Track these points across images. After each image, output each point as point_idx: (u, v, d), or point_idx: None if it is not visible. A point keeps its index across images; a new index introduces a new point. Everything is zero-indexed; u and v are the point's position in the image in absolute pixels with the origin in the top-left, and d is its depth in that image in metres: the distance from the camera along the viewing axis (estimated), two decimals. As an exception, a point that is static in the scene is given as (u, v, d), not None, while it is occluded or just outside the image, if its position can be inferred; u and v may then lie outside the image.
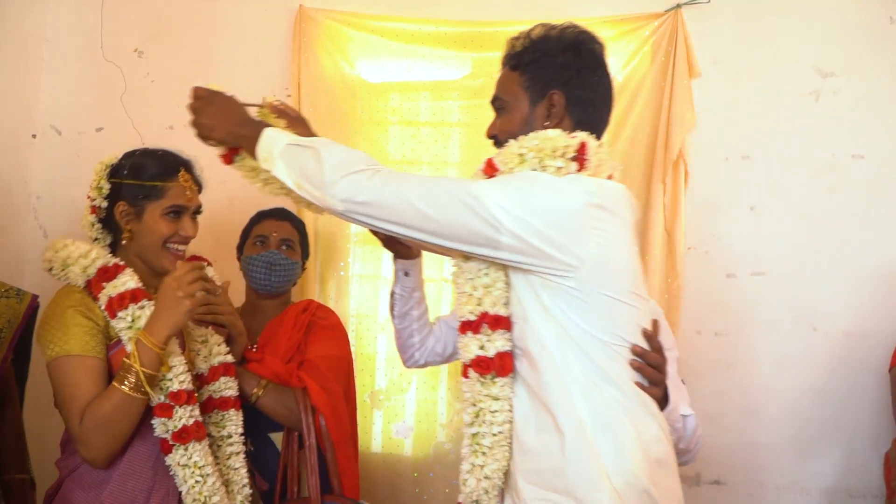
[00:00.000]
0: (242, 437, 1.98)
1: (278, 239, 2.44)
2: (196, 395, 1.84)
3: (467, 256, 1.61)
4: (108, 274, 1.82)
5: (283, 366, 2.22)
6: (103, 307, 1.78)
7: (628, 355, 1.57)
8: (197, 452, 1.78)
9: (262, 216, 2.53)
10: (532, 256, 1.51)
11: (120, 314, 1.77)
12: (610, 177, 1.63)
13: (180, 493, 1.80)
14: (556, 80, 1.63)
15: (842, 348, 2.94)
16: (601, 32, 2.90)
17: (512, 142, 1.60)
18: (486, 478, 1.59)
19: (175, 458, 1.77)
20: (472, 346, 1.61)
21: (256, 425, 2.16)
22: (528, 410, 1.58)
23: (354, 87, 3.10)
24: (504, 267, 1.60)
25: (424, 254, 2.04)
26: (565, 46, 1.65)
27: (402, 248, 1.97)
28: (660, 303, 2.88)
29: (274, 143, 1.64)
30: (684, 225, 2.95)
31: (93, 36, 3.10)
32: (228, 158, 1.80)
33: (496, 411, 1.59)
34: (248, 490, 1.95)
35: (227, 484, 1.90)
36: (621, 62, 3.01)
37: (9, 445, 2.17)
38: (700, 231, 3.01)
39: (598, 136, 1.65)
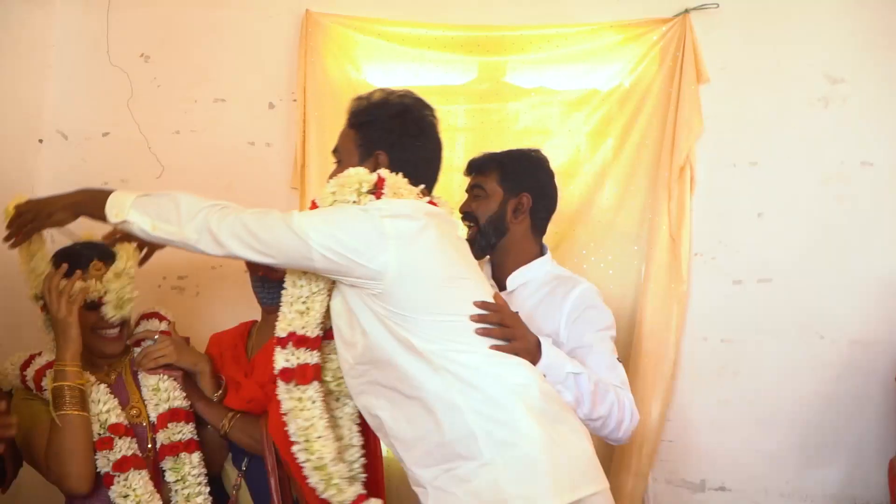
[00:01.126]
0: (200, 478, 2.04)
1: None
2: (148, 441, 2.03)
3: (300, 275, 1.89)
4: (25, 365, 2.09)
5: (259, 390, 2.18)
6: (33, 384, 2.03)
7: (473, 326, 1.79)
8: (136, 481, 1.92)
9: None
10: (344, 267, 1.76)
11: (46, 375, 2.01)
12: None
13: None
14: (382, 143, 1.90)
15: (848, 356, 2.95)
16: (608, 37, 2.99)
17: (329, 181, 1.86)
18: (313, 468, 1.86)
19: (116, 489, 1.91)
20: (280, 358, 1.90)
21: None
22: (395, 411, 1.79)
23: (361, 92, 3.09)
24: (323, 295, 1.89)
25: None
26: (394, 113, 1.93)
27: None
28: (664, 309, 2.91)
29: (125, 197, 1.90)
30: (691, 231, 2.96)
31: (99, 41, 3.12)
32: (17, 243, 2.07)
33: (302, 409, 1.87)
34: None
35: None
36: (628, 67, 3.02)
37: None
38: (707, 237, 3.02)
39: (429, 191, 1.92)
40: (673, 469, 3.02)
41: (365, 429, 2.01)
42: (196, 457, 2.03)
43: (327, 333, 1.96)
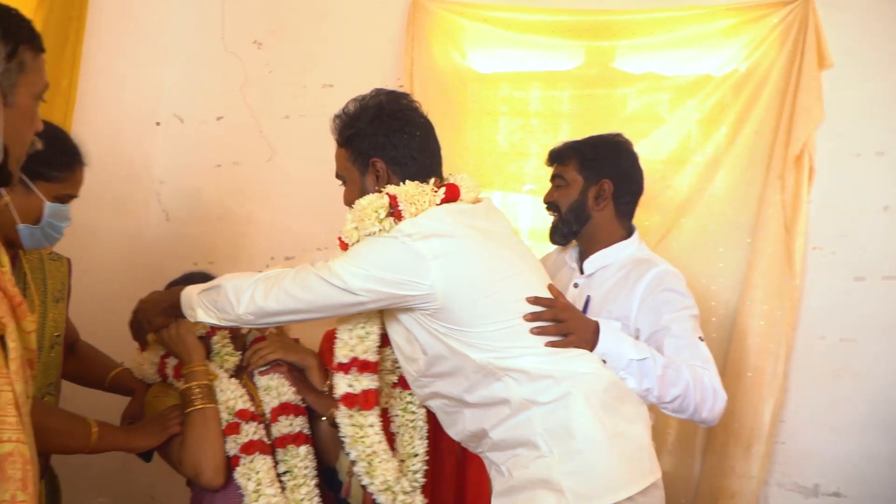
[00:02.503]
0: (307, 471, 2.08)
1: None
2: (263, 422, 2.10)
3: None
4: (165, 355, 2.19)
5: None
6: (172, 376, 2.13)
7: (523, 329, 1.82)
8: (260, 464, 2.00)
9: None
10: (395, 298, 1.80)
11: (183, 372, 2.11)
12: (445, 199, 1.84)
13: None
14: (373, 149, 1.89)
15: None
16: (723, 20, 2.90)
17: (347, 216, 1.86)
18: (380, 489, 1.95)
19: (241, 469, 1.99)
20: (342, 384, 1.96)
21: None
22: (465, 412, 1.88)
23: (465, 78, 3.13)
24: (379, 317, 1.95)
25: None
26: (370, 117, 1.90)
27: None
28: (774, 304, 2.80)
29: (190, 298, 1.98)
30: (807, 224, 2.84)
31: (214, 28, 3.26)
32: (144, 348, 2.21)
33: (361, 437, 1.96)
34: None
35: None
36: (745, 52, 2.92)
37: (96, 357, 2.38)
38: (826, 231, 2.88)
39: (432, 175, 1.89)
40: (785, 472, 2.90)
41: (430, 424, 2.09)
42: (304, 449, 2.08)
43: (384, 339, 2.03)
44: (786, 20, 2.88)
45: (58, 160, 1.87)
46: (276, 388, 2.13)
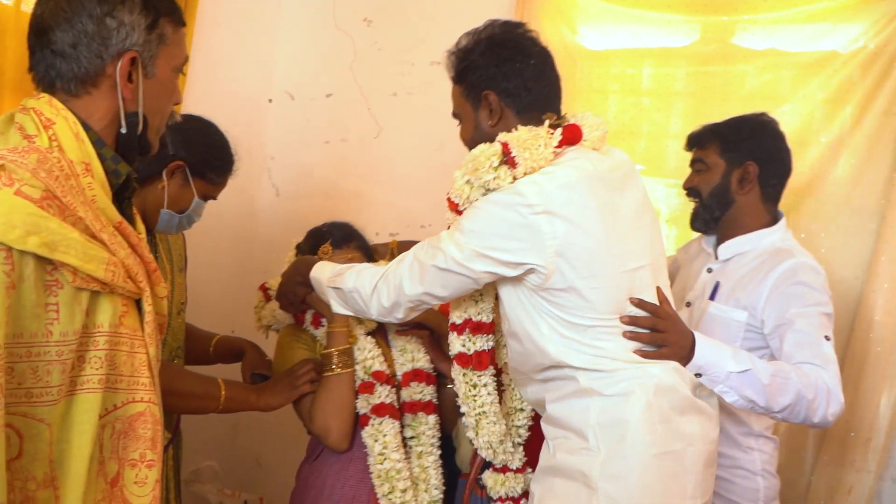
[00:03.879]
0: (434, 440, 2.10)
1: None
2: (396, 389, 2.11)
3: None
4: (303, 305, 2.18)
5: None
6: (309, 323, 2.16)
7: (615, 326, 1.75)
8: (388, 428, 2.02)
9: None
10: (508, 275, 1.73)
11: (323, 321, 2.14)
12: (563, 142, 1.73)
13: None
14: (485, 81, 1.80)
15: None
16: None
17: (456, 173, 1.76)
18: (483, 446, 1.95)
19: (369, 430, 2.02)
20: (456, 344, 1.95)
21: None
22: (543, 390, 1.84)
23: (576, 55, 3.07)
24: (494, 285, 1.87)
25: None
26: (482, 49, 1.81)
27: None
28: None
29: (321, 286, 2.00)
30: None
31: (326, 6, 3.29)
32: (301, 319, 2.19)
33: (475, 396, 1.94)
34: (436, 491, 2.07)
35: (416, 481, 2.06)
36: (874, 28, 2.75)
37: (193, 331, 2.40)
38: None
39: (550, 110, 1.80)
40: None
41: None
42: (433, 418, 2.11)
43: None
44: (919, -6, 2.72)
45: (218, 165, 2.04)
46: (411, 352, 2.15)
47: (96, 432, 1.20)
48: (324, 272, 2.00)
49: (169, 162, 1.93)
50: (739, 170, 2.18)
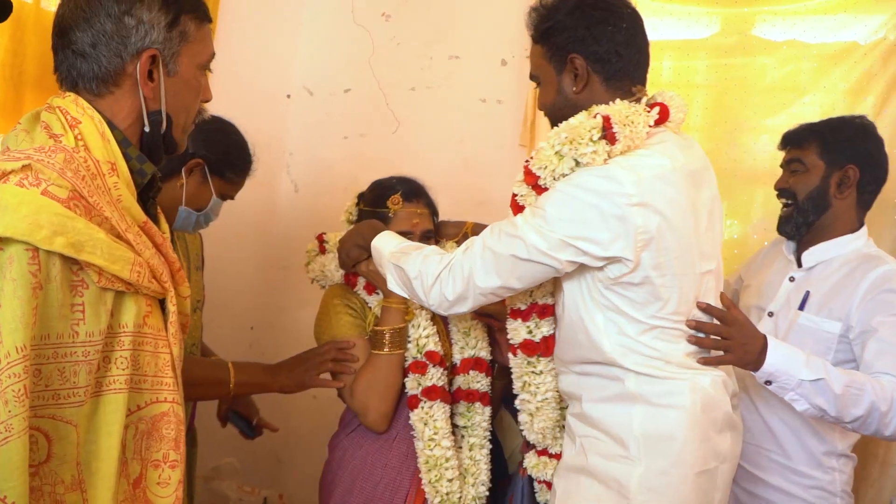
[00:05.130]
0: (487, 433, 2.03)
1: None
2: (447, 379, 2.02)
3: None
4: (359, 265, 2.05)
5: None
6: (362, 288, 2.06)
7: (686, 332, 1.68)
8: (439, 412, 1.94)
9: None
10: (592, 265, 1.62)
11: (377, 289, 2.04)
12: (660, 121, 1.64)
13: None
14: (572, 43, 1.67)
15: None
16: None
17: (542, 144, 1.64)
18: (536, 432, 1.87)
19: (419, 413, 1.95)
20: (521, 331, 1.83)
21: None
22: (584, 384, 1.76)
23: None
24: None
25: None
26: (571, 8, 1.68)
27: None
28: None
29: (381, 258, 1.86)
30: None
31: (345, 1, 3.27)
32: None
33: (540, 384, 1.84)
34: (482, 487, 2.00)
35: (464, 473, 1.99)
36: (894, 20, 2.71)
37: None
38: None
39: (637, 80, 1.70)
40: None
41: None
42: (488, 410, 2.04)
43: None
44: (941, -16, 2.68)
45: (237, 164, 2.03)
46: (475, 339, 2.06)
47: (128, 434, 1.20)
48: (387, 244, 1.86)
49: (188, 160, 1.92)
50: (839, 173, 2.10)
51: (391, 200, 2.06)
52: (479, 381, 2.04)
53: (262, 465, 3.35)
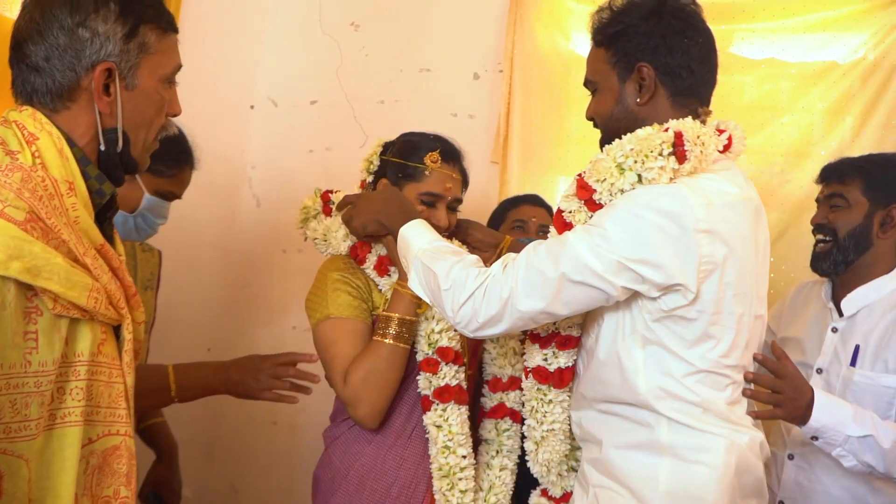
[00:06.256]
0: (514, 453, 1.92)
1: (537, 224, 2.50)
2: (467, 388, 1.87)
3: None
4: (373, 238, 1.89)
5: None
6: (372, 267, 1.88)
7: (732, 379, 1.58)
8: (454, 415, 1.80)
9: (518, 201, 2.61)
10: (648, 294, 1.52)
11: (392, 268, 1.87)
12: (727, 147, 1.59)
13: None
14: (642, 51, 1.59)
15: None
16: (852, 4, 2.77)
17: (601, 155, 1.56)
18: (540, 463, 1.76)
19: (432, 416, 1.81)
20: (536, 357, 1.73)
21: None
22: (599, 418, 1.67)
23: (570, 63, 3.06)
24: None
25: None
26: (646, 13, 1.60)
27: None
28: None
29: (408, 249, 1.70)
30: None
31: (312, 9, 3.27)
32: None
33: (548, 413, 1.73)
34: None
35: (481, 487, 1.89)
36: (874, 39, 2.77)
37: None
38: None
39: (703, 101, 1.64)
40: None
41: None
42: (518, 428, 1.91)
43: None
44: (919, 5, 2.75)
45: (166, 156, 1.87)
46: (510, 353, 1.92)
47: (79, 469, 1.17)
48: (420, 236, 1.71)
49: None
50: (883, 212, 2.08)
51: (430, 157, 1.90)
52: (510, 398, 1.92)
53: (216, 495, 3.30)
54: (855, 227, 2.08)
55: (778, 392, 1.68)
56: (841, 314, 2.12)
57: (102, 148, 1.26)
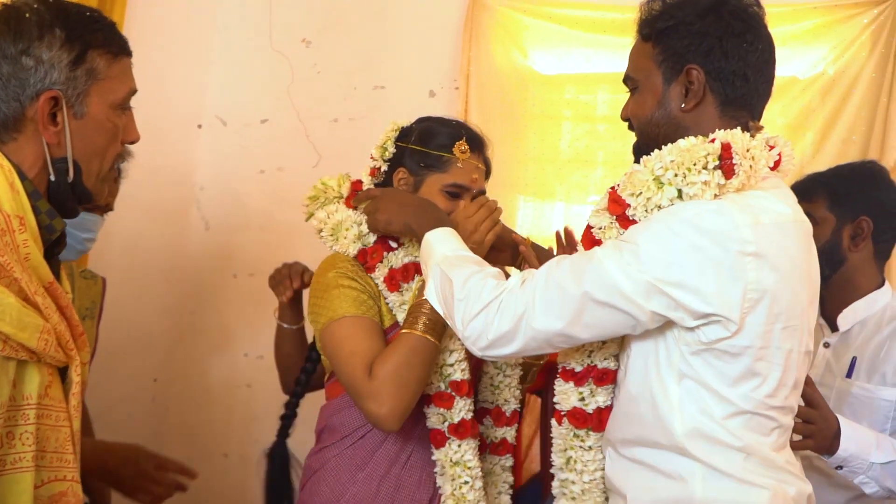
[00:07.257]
0: (510, 483, 1.89)
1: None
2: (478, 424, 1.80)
3: None
4: (387, 244, 1.78)
5: None
6: (381, 280, 1.76)
7: (779, 422, 1.46)
8: (470, 451, 1.73)
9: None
10: (683, 324, 1.40)
11: (404, 286, 1.76)
12: (776, 165, 1.48)
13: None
14: (694, 52, 1.46)
15: None
16: (810, 20, 2.85)
17: (637, 167, 1.45)
18: (561, 495, 1.61)
19: (447, 452, 1.73)
20: (571, 397, 1.59)
21: None
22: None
23: (527, 79, 3.11)
24: None
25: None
26: (703, 10, 1.47)
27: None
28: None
29: (430, 255, 1.61)
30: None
31: (261, 26, 3.26)
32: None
33: (589, 461, 1.58)
34: None
35: None
36: (833, 53, 2.87)
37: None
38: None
39: (755, 115, 1.51)
40: None
41: None
42: (511, 459, 1.89)
43: None
44: (877, 20, 2.84)
45: None
46: (511, 384, 1.87)
47: (31, 517, 1.14)
48: (445, 244, 1.61)
49: None
50: (852, 225, 2.07)
51: (459, 147, 1.80)
52: (507, 433, 1.88)
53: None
54: (824, 245, 2.05)
55: (810, 422, 1.66)
56: (833, 329, 2.14)
57: (53, 178, 1.24)
